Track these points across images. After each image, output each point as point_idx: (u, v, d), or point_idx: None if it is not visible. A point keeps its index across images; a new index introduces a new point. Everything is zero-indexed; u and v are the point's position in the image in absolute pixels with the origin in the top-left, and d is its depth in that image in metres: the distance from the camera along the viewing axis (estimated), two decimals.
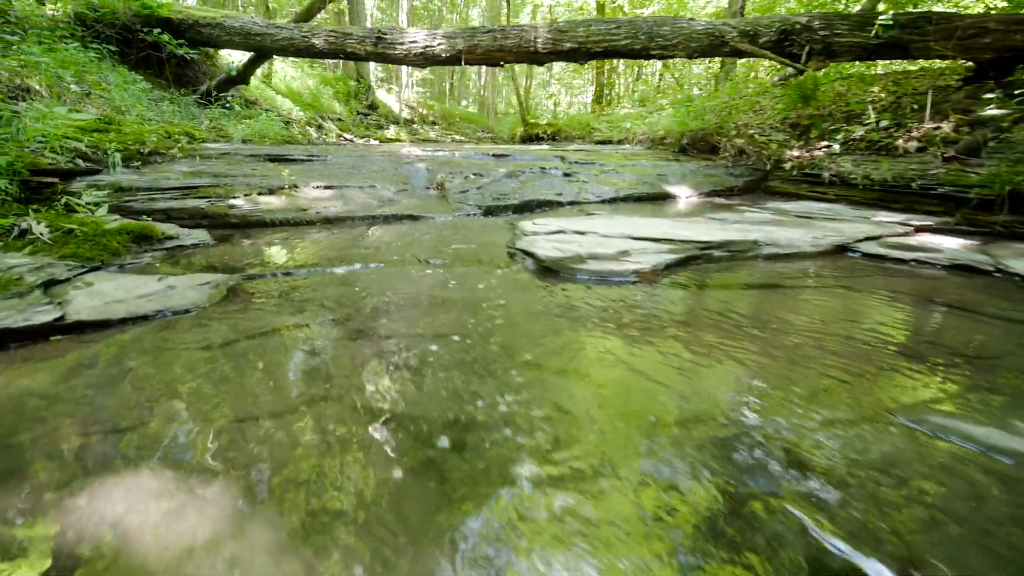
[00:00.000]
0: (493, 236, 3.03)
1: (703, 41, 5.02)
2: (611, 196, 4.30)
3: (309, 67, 15.19)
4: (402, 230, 3.22)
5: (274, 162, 4.51)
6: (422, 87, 28.93)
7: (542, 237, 2.70)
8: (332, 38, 6.39)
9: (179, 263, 2.29)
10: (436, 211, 3.72)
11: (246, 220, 3.20)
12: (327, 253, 2.56)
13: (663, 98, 10.17)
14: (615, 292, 2.03)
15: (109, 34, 6.60)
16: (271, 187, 3.65)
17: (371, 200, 3.90)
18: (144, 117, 5.46)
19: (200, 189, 3.35)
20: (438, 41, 5.85)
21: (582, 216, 3.56)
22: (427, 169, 4.97)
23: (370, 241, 2.90)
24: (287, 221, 3.28)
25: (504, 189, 4.20)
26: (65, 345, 1.42)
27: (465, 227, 3.31)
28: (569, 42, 5.36)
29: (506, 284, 2.11)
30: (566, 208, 4.01)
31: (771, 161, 4.93)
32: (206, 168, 3.82)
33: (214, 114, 7.08)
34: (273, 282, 2.04)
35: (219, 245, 2.70)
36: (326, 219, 3.39)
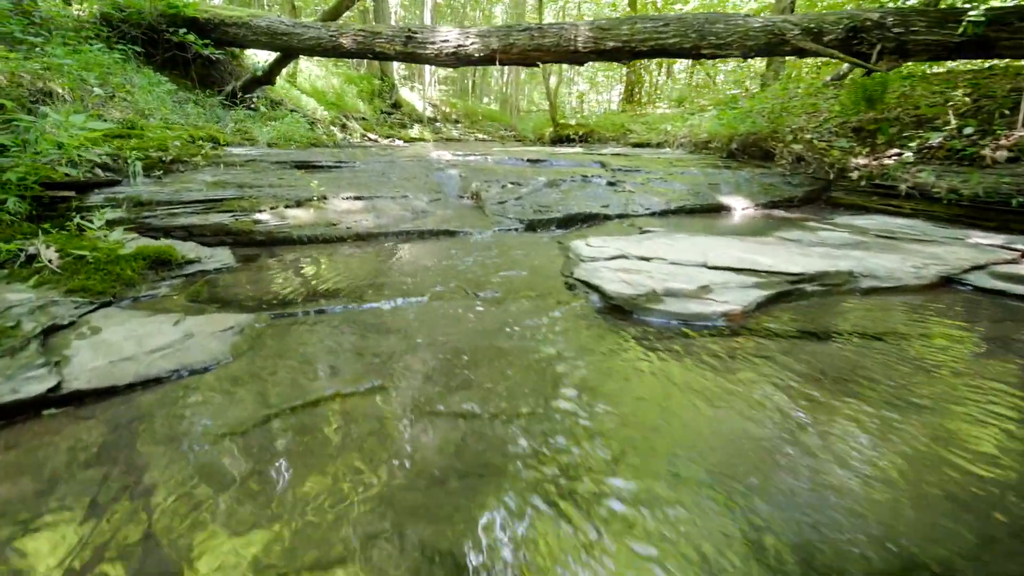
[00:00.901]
0: (542, 258, 2.72)
1: (760, 39, 4.61)
2: (661, 208, 3.95)
3: (334, 65, 15.06)
4: (440, 249, 2.93)
5: (301, 169, 4.27)
6: (445, 85, 28.78)
7: (602, 264, 2.38)
8: (360, 38, 6.15)
9: (200, 294, 2.04)
10: (473, 225, 3.42)
11: (272, 237, 2.95)
12: (361, 281, 2.28)
13: (701, 98, 9.69)
14: (708, 343, 1.70)
15: (135, 34, 6.47)
16: (299, 199, 3.40)
17: (404, 212, 3.63)
18: (168, 120, 5.29)
19: (224, 202, 3.11)
20: (471, 40, 5.54)
21: (636, 234, 3.22)
22: (460, 176, 4.68)
23: (407, 263, 2.62)
24: (316, 238, 3.02)
25: (545, 200, 3.89)
26: (58, 423, 1.16)
27: (508, 245, 3.00)
28: (612, 40, 5.00)
29: (573, 329, 1.79)
30: (614, 222, 3.68)
31: (834, 170, 4.51)
32: (231, 178, 3.59)
33: (239, 116, 6.91)
34: (304, 324, 1.77)
35: (244, 268, 2.45)
36: (357, 235, 3.12)
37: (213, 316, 1.71)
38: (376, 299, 2.02)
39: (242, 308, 1.88)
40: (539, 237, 3.28)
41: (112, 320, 1.63)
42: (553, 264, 2.58)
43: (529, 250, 2.90)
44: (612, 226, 3.57)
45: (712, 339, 1.73)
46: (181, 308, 1.84)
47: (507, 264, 2.57)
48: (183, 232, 2.79)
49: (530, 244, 3.06)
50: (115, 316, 1.70)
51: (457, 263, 2.60)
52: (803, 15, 4.58)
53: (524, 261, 2.64)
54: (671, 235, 3.02)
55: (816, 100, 5.88)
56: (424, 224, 3.36)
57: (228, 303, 1.93)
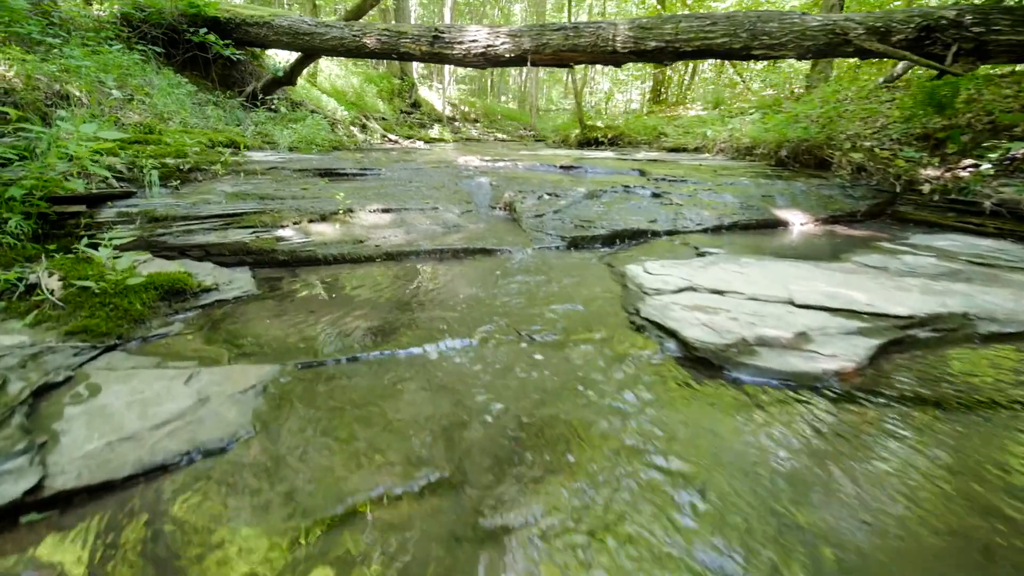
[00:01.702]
0: (595, 285, 2.42)
1: (819, 39, 4.25)
2: (714, 224, 3.62)
3: (353, 65, 14.91)
4: (478, 271, 2.65)
5: (324, 177, 4.04)
6: (463, 84, 28.60)
7: (671, 299, 2.07)
8: (385, 37, 5.91)
9: (217, 332, 1.79)
10: (510, 241, 3.14)
11: (296, 256, 2.70)
12: (396, 314, 2.01)
13: (737, 100, 9.25)
14: (822, 413, 1.39)
15: (155, 35, 6.32)
16: (323, 212, 3.15)
17: (434, 226, 3.36)
18: (187, 124, 5.11)
19: (244, 216, 2.88)
20: (501, 40, 5.26)
21: (694, 256, 2.90)
22: (491, 185, 4.40)
23: (444, 289, 2.34)
24: (343, 257, 2.77)
25: (587, 214, 3.59)
26: (36, 535, 0.90)
27: (553, 268, 2.71)
28: (654, 40, 4.67)
29: (653, 391, 1.49)
30: (663, 240, 3.36)
31: (900, 182, 4.12)
32: (251, 188, 3.36)
33: (259, 118, 6.73)
34: (336, 378, 1.50)
35: (266, 296, 2.20)
36: (387, 254, 2.86)
37: (231, 370, 1.45)
38: (417, 341, 1.75)
39: (264, 354, 1.62)
40: (584, 257, 2.98)
41: (115, 375, 1.38)
42: (609, 294, 2.29)
43: (578, 274, 2.60)
44: (662, 244, 3.26)
45: (826, 407, 1.42)
46: (195, 354, 1.59)
47: (557, 294, 2.28)
48: (200, 251, 2.56)
49: (577, 267, 2.76)
50: (119, 367, 1.45)
51: (500, 291, 2.32)
52: (867, 13, 4.20)
53: (575, 290, 2.35)
54: (737, 259, 2.69)
55: (870, 104, 5.47)
56: (457, 240, 3.09)
57: (249, 347, 1.68)
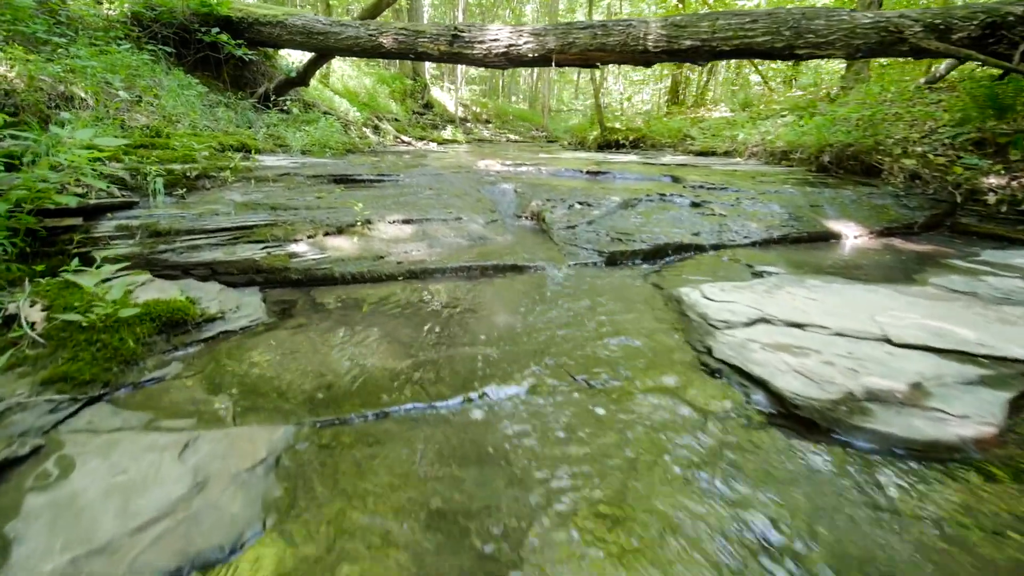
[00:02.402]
0: (645, 311, 2.14)
1: (871, 38, 3.93)
2: (762, 236, 3.32)
3: (366, 65, 14.73)
4: (512, 293, 2.38)
5: (340, 184, 3.79)
6: (475, 84, 28.43)
7: (743, 333, 1.79)
8: (402, 37, 5.66)
9: (222, 374, 1.53)
10: (542, 256, 2.87)
11: (310, 275, 2.45)
12: (426, 352, 1.75)
13: (764, 101, 8.89)
14: (971, 499, 1.10)
15: (166, 34, 6.13)
16: (340, 224, 2.90)
17: (459, 238, 3.10)
18: (196, 126, 4.89)
19: (254, 230, 2.63)
20: (524, 39, 4.99)
21: (749, 275, 2.61)
22: (515, 192, 4.14)
23: (478, 318, 2.07)
24: (362, 276, 2.51)
25: (623, 225, 3.30)
26: None
27: (595, 290, 2.43)
28: (689, 39, 4.37)
29: (757, 466, 1.21)
30: (709, 255, 3.07)
31: (960, 191, 3.79)
32: (262, 197, 3.11)
33: (272, 119, 6.52)
34: (363, 444, 1.23)
35: (277, 326, 1.94)
36: (410, 272, 2.60)
37: (237, 435, 1.19)
38: (455, 390, 1.48)
39: (276, 407, 1.36)
40: (627, 276, 2.70)
41: (94, 443, 1.12)
42: (666, 325, 2.00)
43: (624, 298, 2.32)
44: (709, 260, 2.96)
45: (972, 489, 1.13)
46: (194, 408, 1.33)
47: (606, 324, 2.00)
48: (206, 270, 2.31)
49: (621, 288, 2.48)
50: (101, 428, 1.19)
51: (540, 319, 2.04)
52: (924, 10, 3.87)
53: (626, 319, 2.06)
54: (801, 281, 2.39)
55: (917, 107, 5.12)
56: (486, 255, 2.82)
57: (257, 395, 1.42)
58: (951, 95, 5.40)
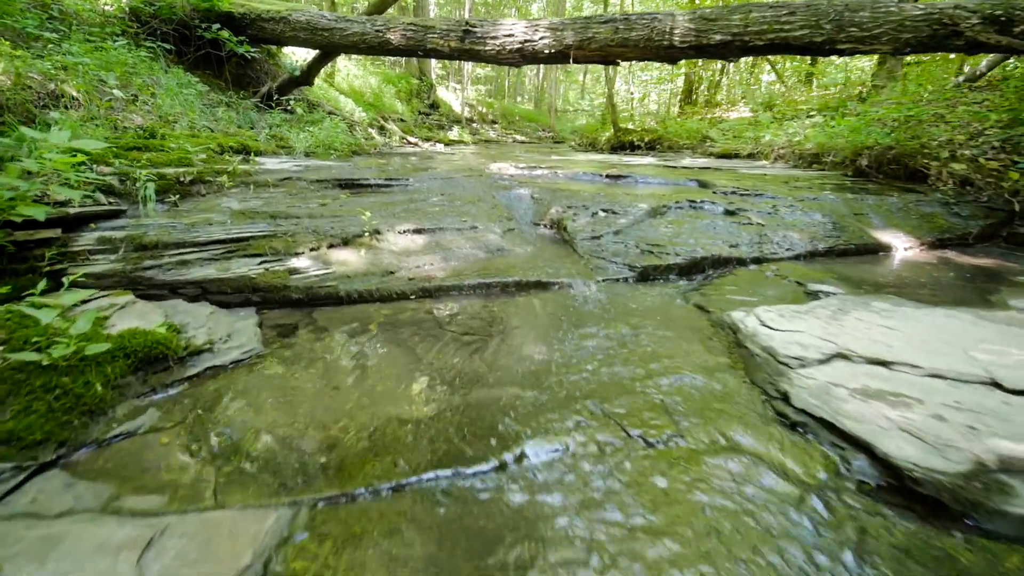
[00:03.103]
0: (694, 339, 1.86)
1: (920, 31, 3.63)
2: (806, 248, 3.03)
3: (372, 64, 14.51)
4: (538, 316, 2.11)
5: (345, 189, 3.54)
6: (481, 84, 28.20)
7: (822, 374, 1.51)
8: (410, 33, 5.41)
9: (204, 427, 1.27)
10: (567, 271, 2.60)
11: (312, 294, 2.19)
12: (446, 394, 1.48)
13: (786, 100, 8.56)
14: None
15: (165, 31, 5.90)
16: (345, 234, 2.64)
17: (475, 250, 2.83)
18: (195, 126, 4.66)
19: (251, 242, 2.37)
20: (540, 34, 4.72)
21: (803, 295, 2.33)
22: (532, 197, 3.87)
23: (502, 346, 1.81)
24: (370, 295, 2.25)
25: (653, 235, 3.03)
26: None
27: (630, 311, 2.16)
28: (719, 33, 4.09)
29: (885, 567, 0.94)
30: (751, 269, 2.79)
31: (1019, 199, 3.49)
32: (262, 204, 2.86)
33: (274, 120, 6.29)
34: (375, 528, 0.97)
35: (274, 356, 1.68)
36: (423, 290, 2.33)
37: (217, 524, 0.93)
38: (485, 451, 1.22)
39: (269, 475, 1.10)
40: (664, 295, 2.43)
41: (30, 540, 0.87)
42: (722, 357, 1.73)
43: (667, 323, 2.05)
44: (751, 276, 2.69)
45: None
46: (168, 477, 1.08)
47: (652, 357, 1.73)
48: (195, 289, 2.06)
49: (661, 309, 2.21)
50: (45, 513, 0.94)
51: (575, 349, 1.78)
52: (980, 1, 3.57)
53: (675, 350, 1.79)
54: (866, 304, 2.11)
55: (956, 106, 4.81)
56: (506, 270, 2.55)
57: (247, 458, 1.16)
58: (994, 94, 5.09)
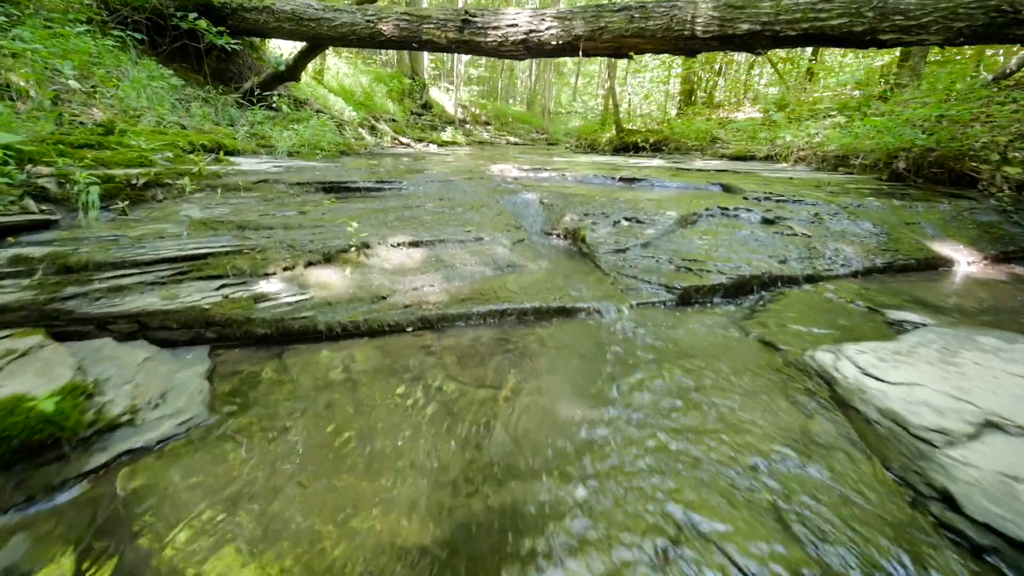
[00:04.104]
0: (775, 394, 1.45)
1: (975, 19, 3.26)
2: (862, 264, 2.63)
3: (363, 63, 14.05)
4: (566, 357, 1.68)
5: (330, 193, 3.09)
6: (474, 85, 27.83)
7: (978, 455, 1.10)
8: (404, 23, 4.97)
9: (98, 551, 0.83)
10: (592, 292, 2.18)
11: (283, 328, 1.74)
12: (462, 503, 1.05)
13: (801, 100, 8.20)
14: None
15: (138, 20, 5.41)
16: (327, 249, 2.19)
17: (483, 267, 2.40)
18: (164, 123, 4.18)
19: (210, 260, 1.92)
20: (547, 24, 4.31)
21: (908, 339, 1.92)
22: (541, 203, 3.45)
23: (528, 409, 1.38)
24: (356, 328, 1.80)
25: (688, 248, 2.61)
26: None
27: (680, 347, 1.74)
28: (747, 22, 3.70)
29: None
30: (806, 290, 2.38)
31: None
32: (229, 211, 2.41)
33: (256, 117, 5.80)
34: None
35: (220, 426, 1.24)
36: (423, 320, 1.89)
37: None
38: None
39: None
40: (714, 323, 2.00)
41: None
42: (825, 423, 1.31)
43: (731, 366, 1.62)
44: (808, 298, 2.28)
45: None
46: None
47: (735, 429, 1.31)
48: (131, 324, 1.60)
49: (717, 346, 1.78)
50: None
51: (623, 412, 1.35)
52: None
53: (752, 409, 1.37)
54: (971, 339, 1.70)
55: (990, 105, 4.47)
56: (521, 293, 2.12)
57: None
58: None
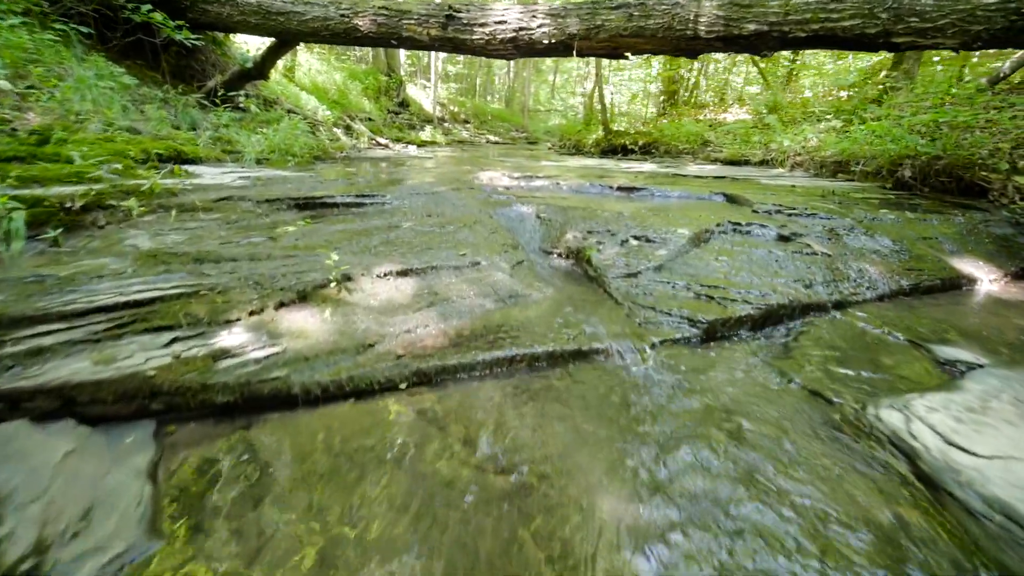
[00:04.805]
0: (843, 463, 1.22)
1: (995, 22, 3.13)
2: (888, 287, 2.45)
3: (336, 59, 13.51)
4: (589, 419, 1.42)
5: (305, 211, 2.76)
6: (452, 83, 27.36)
7: None
8: (382, 18, 4.63)
9: None
10: (607, 328, 1.92)
11: (251, 394, 1.43)
12: None
13: (792, 103, 8.09)
14: None
15: (84, 12, 4.91)
16: (302, 285, 1.88)
17: (482, 298, 2.11)
18: (114, 127, 3.75)
19: (158, 307, 1.59)
20: (539, 22, 4.04)
21: (977, 388, 1.72)
22: (538, 217, 3.19)
23: (556, 502, 1.11)
24: (339, 388, 1.50)
25: (705, 272, 2.38)
26: None
27: (719, 401, 1.50)
28: (754, 22, 3.50)
29: None
30: (836, 318, 2.17)
31: None
32: (184, 240, 2.06)
33: (221, 119, 5.36)
34: None
35: (166, 558, 0.93)
36: (418, 373, 1.60)
37: None
38: None
39: None
40: (746, 363, 1.77)
41: None
42: (913, 513, 1.08)
43: (779, 423, 1.39)
44: (841, 330, 2.07)
45: None
46: None
47: (811, 525, 1.07)
48: (53, 400, 1.27)
49: (761, 399, 1.55)
50: None
51: (680, 510, 1.10)
52: None
53: (827, 494, 1.14)
54: None
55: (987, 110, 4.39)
56: (527, 331, 1.85)
57: None
58: None
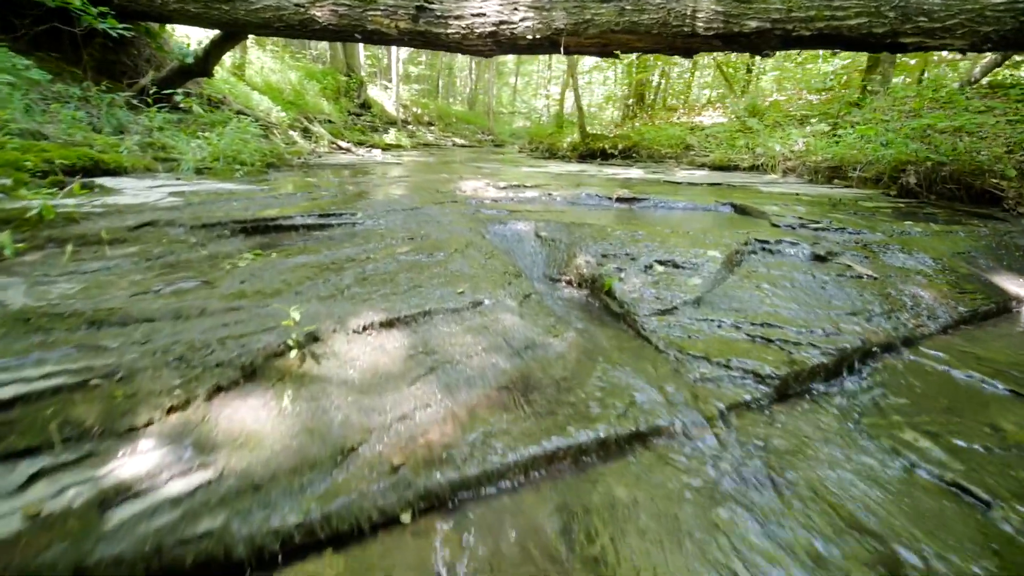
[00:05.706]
0: None
1: (1005, 23, 2.93)
2: (949, 317, 2.14)
3: (291, 57, 12.65)
4: (677, 552, 0.99)
5: (254, 237, 2.20)
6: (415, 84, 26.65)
7: None
8: (344, 9, 4.08)
9: None
10: (659, 394, 1.49)
11: (166, 570, 0.91)
12: None
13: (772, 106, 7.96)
14: None
15: None
16: (249, 355, 1.35)
17: (493, 354, 1.64)
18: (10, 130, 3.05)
19: (19, 412, 1.04)
20: (521, 15, 3.60)
21: None
22: (537, 236, 2.76)
23: None
24: (311, 536, 1.00)
25: (751, 306, 2.00)
26: None
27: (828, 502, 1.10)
28: (755, 19, 3.19)
29: None
30: (907, 359, 1.83)
31: None
32: (76, 291, 1.49)
33: (155, 122, 4.65)
34: None
35: None
36: (428, 494, 1.11)
37: None
38: None
39: None
40: (841, 441, 1.38)
41: None
42: None
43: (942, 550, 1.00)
44: (922, 376, 1.72)
45: None
46: None
47: None
48: None
49: (890, 504, 1.16)
50: None
51: None
52: None
53: None
54: None
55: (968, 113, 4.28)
56: (563, 404, 1.40)
57: None
58: (1007, 102, 4.66)
